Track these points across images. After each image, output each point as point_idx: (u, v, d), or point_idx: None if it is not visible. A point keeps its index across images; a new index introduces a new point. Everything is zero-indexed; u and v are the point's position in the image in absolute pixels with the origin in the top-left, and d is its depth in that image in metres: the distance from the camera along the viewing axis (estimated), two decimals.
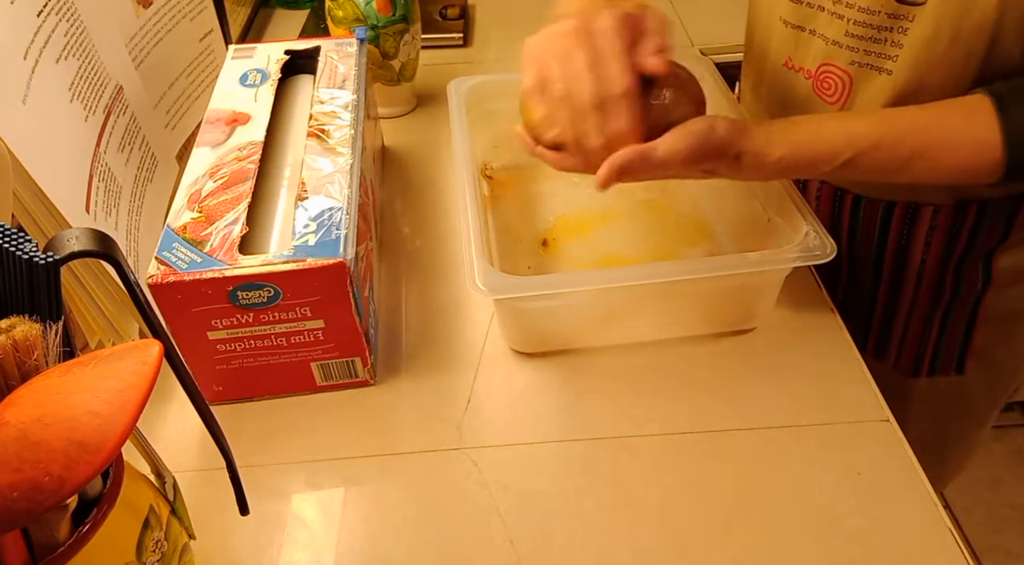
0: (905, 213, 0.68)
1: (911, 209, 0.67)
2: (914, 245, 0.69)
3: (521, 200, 0.76)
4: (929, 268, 0.70)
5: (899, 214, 0.68)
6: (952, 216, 0.66)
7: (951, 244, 0.68)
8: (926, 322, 0.74)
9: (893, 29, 0.58)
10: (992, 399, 0.81)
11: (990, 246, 0.69)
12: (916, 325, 0.75)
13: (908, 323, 0.75)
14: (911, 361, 0.77)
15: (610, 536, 0.50)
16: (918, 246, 0.69)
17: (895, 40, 0.59)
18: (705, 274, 0.57)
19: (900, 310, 0.75)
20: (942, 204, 0.66)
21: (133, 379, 0.31)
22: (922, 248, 0.69)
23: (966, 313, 0.73)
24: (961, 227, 0.67)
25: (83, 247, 0.34)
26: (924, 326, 0.75)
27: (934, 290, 0.72)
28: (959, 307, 0.73)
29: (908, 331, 0.76)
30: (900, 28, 0.58)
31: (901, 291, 0.73)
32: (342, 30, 0.84)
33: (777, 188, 0.62)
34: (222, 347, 0.55)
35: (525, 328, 0.62)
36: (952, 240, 0.68)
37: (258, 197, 0.60)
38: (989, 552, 1.46)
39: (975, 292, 0.71)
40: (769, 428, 0.56)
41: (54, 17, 0.57)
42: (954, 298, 0.72)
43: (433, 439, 0.56)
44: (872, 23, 0.59)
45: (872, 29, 0.59)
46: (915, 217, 0.68)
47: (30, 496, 0.28)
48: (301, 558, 0.50)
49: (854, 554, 0.49)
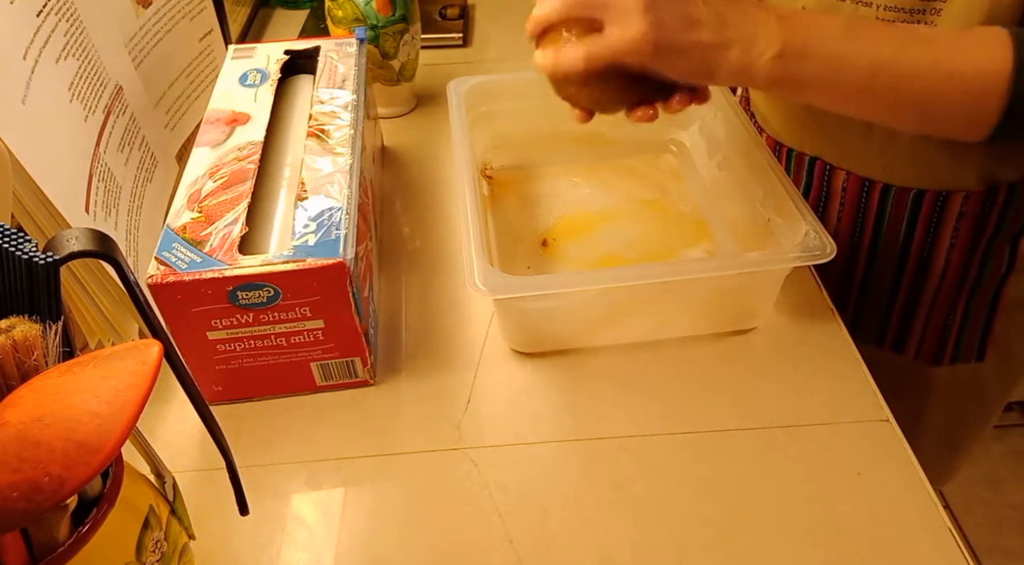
0: (935, 201, 0.67)
1: (941, 197, 0.66)
2: (943, 232, 0.69)
3: (521, 200, 0.76)
4: (956, 255, 0.70)
5: (929, 203, 0.67)
6: (982, 201, 0.66)
7: (980, 229, 0.68)
8: (949, 310, 0.74)
9: (926, 11, 0.56)
10: (1005, 389, 0.81)
11: (1016, 230, 0.68)
12: (939, 313, 0.75)
13: (931, 312, 0.75)
14: (933, 350, 0.77)
15: (610, 536, 0.50)
16: (947, 233, 0.69)
17: (928, 22, 0.57)
18: (705, 274, 0.57)
19: (924, 299, 0.74)
20: (972, 190, 0.65)
21: (133, 379, 0.31)
22: (951, 235, 0.68)
23: (988, 299, 0.73)
24: (991, 212, 0.66)
25: (83, 247, 0.34)
26: (947, 314, 0.74)
27: (959, 276, 0.72)
28: (982, 293, 0.72)
29: (931, 320, 0.75)
30: (933, 10, 0.56)
31: (926, 280, 0.73)
32: (342, 30, 0.84)
33: (777, 188, 0.62)
34: (222, 347, 0.55)
35: (525, 328, 0.62)
36: (981, 225, 0.68)
37: (258, 197, 0.60)
38: (989, 552, 1.46)
39: (998, 277, 0.71)
40: (769, 428, 0.56)
41: (54, 17, 0.57)
42: (978, 284, 0.72)
43: (433, 439, 0.56)
44: (904, 7, 0.57)
45: (903, 13, 0.57)
46: (945, 204, 0.67)
47: (30, 496, 0.28)
48: (301, 558, 0.50)
49: (854, 554, 0.49)
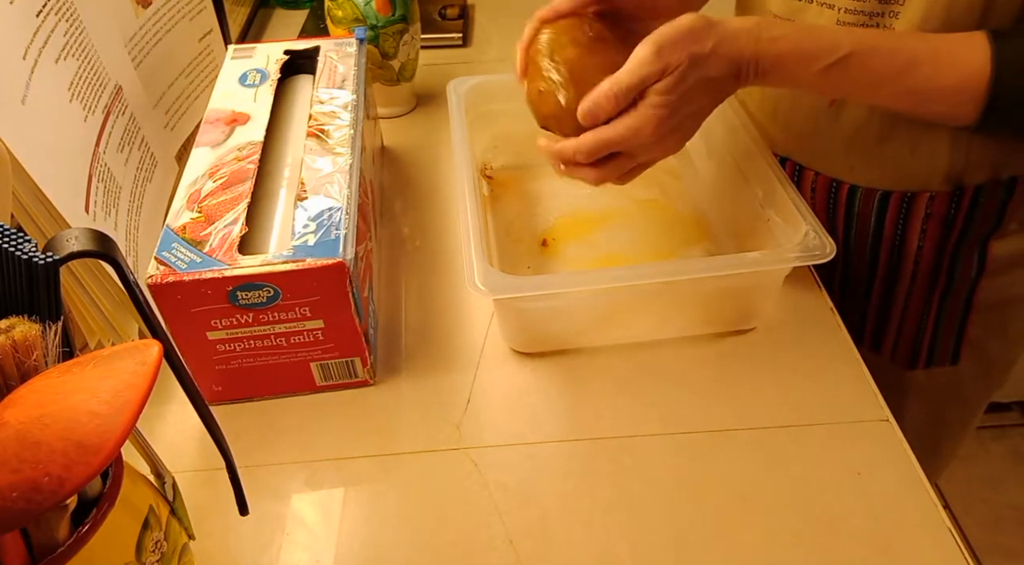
0: (901, 202, 0.68)
1: (907, 198, 0.67)
2: (910, 234, 0.70)
3: (521, 200, 0.76)
4: (925, 257, 0.71)
5: (895, 203, 0.68)
6: (948, 203, 0.67)
7: (946, 231, 0.68)
8: (922, 313, 0.75)
9: (884, 14, 0.59)
10: (985, 390, 0.82)
11: (984, 233, 0.69)
12: (912, 316, 0.75)
13: (904, 314, 0.75)
14: (907, 353, 0.78)
15: (610, 536, 0.50)
16: (914, 234, 0.69)
17: (886, 25, 0.59)
18: (705, 274, 0.57)
19: (896, 301, 0.75)
20: (937, 191, 0.66)
21: (132, 379, 0.31)
22: (918, 236, 0.69)
23: (960, 302, 0.73)
24: (956, 214, 0.67)
25: (82, 247, 0.34)
26: (920, 317, 0.75)
27: (930, 279, 0.72)
28: (953, 296, 0.73)
29: (904, 322, 0.76)
30: (891, 12, 0.58)
31: (898, 281, 0.73)
32: (341, 30, 0.84)
33: (777, 188, 0.62)
34: (221, 347, 0.55)
35: (525, 328, 0.62)
36: (947, 227, 0.68)
37: (257, 197, 0.60)
38: (989, 552, 1.45)
39: (969, 281, 0.72)
40: (769, 428, 0.56)
41: (53, 17, 0.57)
42: (948, 287, 0.72)
43: (433, 439, 0.56)
44: (863, 10, 0.59)
45: (863, 16, 0.59)
46: (911, 205, 0.68)
47: (29, 496, 0.28)
48: (301, 558, 0.50)
49: (854, 554, 0.49)
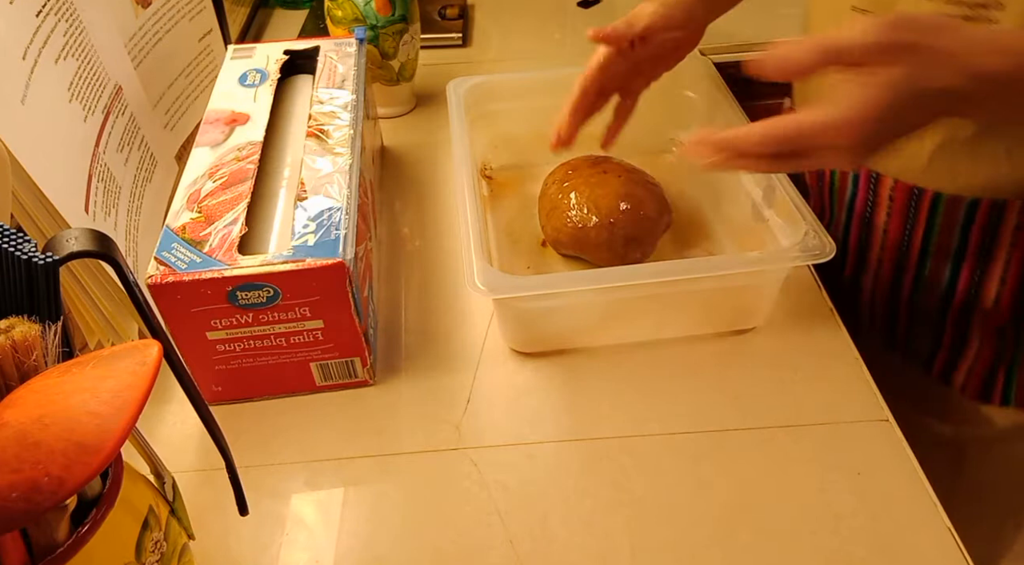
0: (990, 211, 0.61)
1: (996, 206, 0.61)
2: (999, 242, 0.62)
3: (521, 200, 0.76)
4: (1013, 271, 0.63)
5: (983, 211, 0.61)
6: None
7: None
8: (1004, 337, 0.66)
9: (988, 6, 0.52)
10: None
11: None
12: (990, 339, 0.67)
13: (983, 338, 0.67)
14: (979, 384, 0.68)
15: (610, 536, 0.50)
16: (1003, 245, 0.62)
17: (991, 17, 0.52)
18: (705, 274, 0.57)
19: (974, 327, 0.67)
20: None
21: (132, 379, 0.31)
22: (1007, 248, 0.62)
23: None
24: None
25: (82, 247, 0.34)
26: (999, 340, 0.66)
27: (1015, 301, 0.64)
28: None
29: (982, 351, 0.67)
30: (996, 4, 0.52)
31: (980, 298, 0.65)
32: (341, 30, 0.84)
33: (777, 188, 0.62)
34: (221, 347, 0.55)
35: (524, 328, 0.62)
36: None
37: (257, 197, 0.60)
38: None
39: None
40: (769, 428, 0.56)
41: (53, 17, 0.57)
42: None
43: (432, 439, 0.56)
44: (964, 1, 0.53)
45: (965, 7, 0.53)
46: (1001, 214, 0.61)
47: (29, 497, 0.28)
48: (301, 558, 0.50)
49: (854, 554, 0.49)
